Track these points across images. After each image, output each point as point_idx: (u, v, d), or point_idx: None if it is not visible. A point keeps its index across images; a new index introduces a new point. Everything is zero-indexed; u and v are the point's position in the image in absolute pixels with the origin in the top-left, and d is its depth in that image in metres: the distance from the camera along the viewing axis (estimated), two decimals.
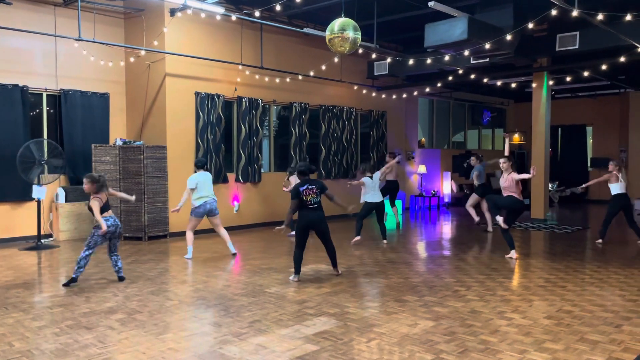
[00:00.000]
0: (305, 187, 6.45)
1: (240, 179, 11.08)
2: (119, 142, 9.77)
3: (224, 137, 10.78)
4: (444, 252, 8.63)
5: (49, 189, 9.33)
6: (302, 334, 4.49)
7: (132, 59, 10.12)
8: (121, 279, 6.43)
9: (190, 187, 7.70)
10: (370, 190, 9.06)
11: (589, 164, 18.11)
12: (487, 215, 10.74)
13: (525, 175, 7.74)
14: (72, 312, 5.16)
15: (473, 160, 10.93)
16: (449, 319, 4.90)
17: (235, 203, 11.12)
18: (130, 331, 4.59)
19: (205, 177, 7.81)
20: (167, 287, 6.20)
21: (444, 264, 7.59)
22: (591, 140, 18.34)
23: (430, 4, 8.18)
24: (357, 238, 8.97)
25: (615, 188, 9.17)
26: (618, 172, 9.15)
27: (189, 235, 7.91)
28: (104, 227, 5.99)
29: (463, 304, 5.40)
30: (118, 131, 10.62)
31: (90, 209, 6.09)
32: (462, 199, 16.43)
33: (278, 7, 8.56)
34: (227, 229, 9.94)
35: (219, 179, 10.56)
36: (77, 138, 9.95)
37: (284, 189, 9.90)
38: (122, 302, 5.52)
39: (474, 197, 10.97)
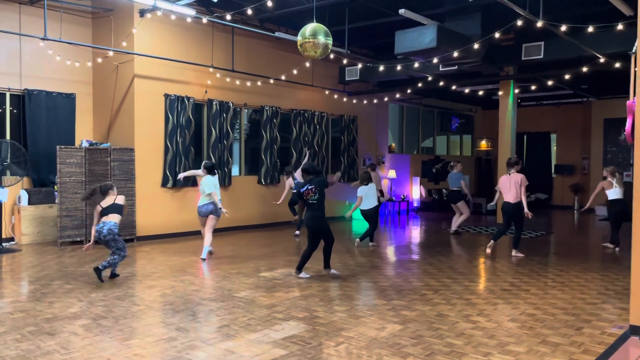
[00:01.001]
0: (305, 188, 6.57)
1: None
2: (85, 144, 9.57)
3: (194, 140, 10.68)
4: (412, 256, 8.73)
5: (11, 191, 9.07)
6: (271, 339, 4.49)
7: (99, 60, 9.94)
8: (97, 270, 6.43)
9: (209, 192, 7.96)
10: (365, 198, 9.33)
11: (553, 171, 18.58)
12: (459, 219, 11.16)
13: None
14: (34, 317, 5.03)
15: (458, 165, 11.31)
16: (417, 323, 4.97)
17: None
18: (95, 337, 4.50)
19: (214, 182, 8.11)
20: (134, 291, 6.10)
21: (412, 268, 7.68)
22: (555, 148, 18.83)
23: (401, 11, 8.31)
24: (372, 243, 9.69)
25: (611, 194, 9.11)
26: (612, 178, 9.07)
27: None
28: None
29: (430, 308, 5.48)
30: (84, 133, 10.41)
31: None
32: (430, 204, 16.69)
33: (250, 11, 8.54)
34: (197, 233, 9.89)
35: (188, 182, 10.45)
36: (41, 139, 9.71)
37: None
38: (86, 307, 5.40)
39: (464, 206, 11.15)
